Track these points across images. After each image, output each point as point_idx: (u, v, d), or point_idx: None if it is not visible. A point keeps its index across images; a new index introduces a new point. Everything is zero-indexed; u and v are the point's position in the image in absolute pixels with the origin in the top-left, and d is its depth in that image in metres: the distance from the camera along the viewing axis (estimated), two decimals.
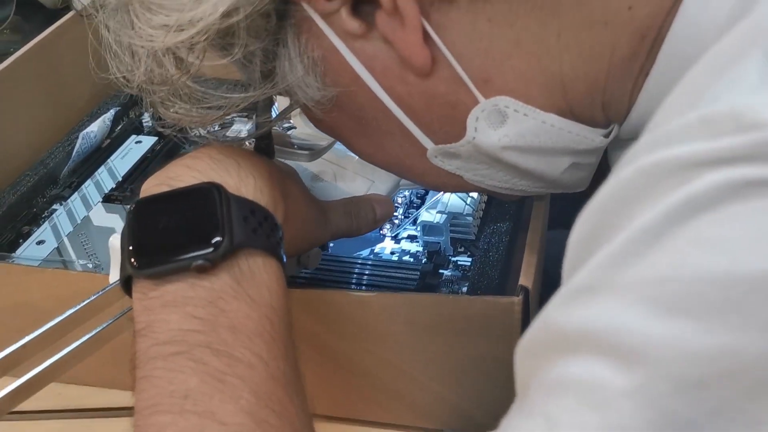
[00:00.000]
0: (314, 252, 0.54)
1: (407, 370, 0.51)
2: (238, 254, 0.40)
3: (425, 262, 0.60)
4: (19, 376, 0.41)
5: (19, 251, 0.63)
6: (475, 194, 0.63)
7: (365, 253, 0.63)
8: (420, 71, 0.40)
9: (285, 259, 0.43)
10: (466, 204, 0.62)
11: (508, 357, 0.48)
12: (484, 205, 0.63)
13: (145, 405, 0.36)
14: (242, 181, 0.43)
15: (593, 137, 0.43)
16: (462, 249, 0.62)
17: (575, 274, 0.29)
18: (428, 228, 0.62)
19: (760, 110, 0.25)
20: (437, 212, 0.62)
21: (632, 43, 0.38)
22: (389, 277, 0.59)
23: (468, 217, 0.62)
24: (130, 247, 0.40)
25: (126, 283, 0.41)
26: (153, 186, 0.43)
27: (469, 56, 0.39)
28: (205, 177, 0.42)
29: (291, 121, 0.61)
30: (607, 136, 0.44)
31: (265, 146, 0.50)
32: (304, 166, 0.56)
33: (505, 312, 0.47)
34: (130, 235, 0.41)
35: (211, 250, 0.39)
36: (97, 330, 0.43)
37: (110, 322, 0.43)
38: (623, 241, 0.27)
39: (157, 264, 0.39)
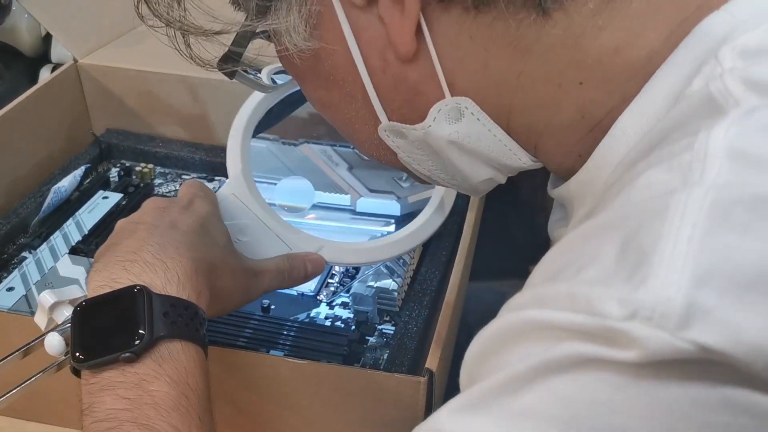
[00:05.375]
0: None
1: (329, 427, 0.59)
2: (160, 343, 0.49)
3: (353, 330, 0.69)
4: None
5: None
6: (400, 277, 0.72)
7: (302, 316, 0.71)
8: (401, 56, 0.45)
9: (205, 341, 0.51)
10: (393, 281, 0.71)
11: (413, 421, 0.57)
12: (409, 280, 0.72)
13: None
14: (168, 281, 0.51)
15: (521, 156, 0.49)
16: (387, 318, 0.71)
17: (465, 391, 0.37)
18: (359, 298, 0.71)
19: (605, 302, 0.32)
20: (367, 285, 0.71)
21: (573, 117, 0.45)
22: (321, 342, 0.68)
23: (394, 293, 0.70)
24: (76, 344, 0.49)
25: (75, 371, 0.50)
26: (98, 287, 0.51)
27: (445, 58, 0.45)
28: (138, 279, 0.50)
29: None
30: (534, 162, 0.50)
31: (229, 73, 0.54)
32: (229, 225, 0.62)
33: (413, 387, 0.56)
34: (74, 333, 0.50)
35: (136, 343, 0.48)
36: (29, 380, 0.52)
37: (37, 374, 0.52)
38: (502, 379, 0.35)
39: (94, 358, 0.48)
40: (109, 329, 0.49)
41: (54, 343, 0.51)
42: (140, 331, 0.48)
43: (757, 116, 0.35)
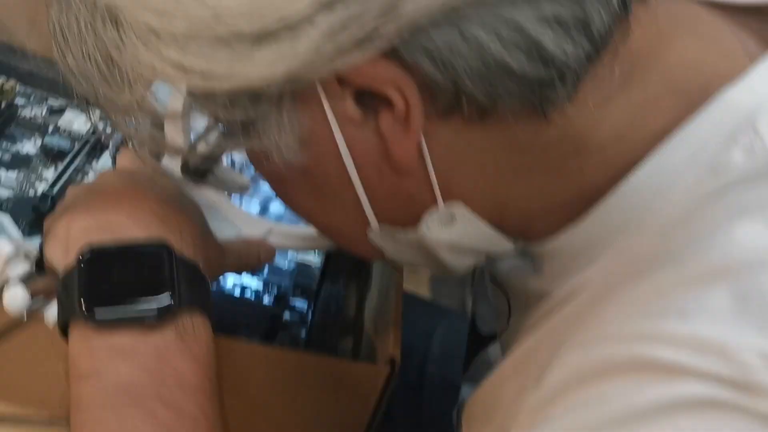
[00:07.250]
0: None
1: (277, 413, 0.56)
2: (182, 313, 0.43)
3: (271, 306, 0.65)
4: None
5: None
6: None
7: None
8: (399, 170, 0.43)
9: None
10: (313, 256, 0.68)
11: (366, 410, 0.56)
12: (326, 257, 0.70)
13: None
14: (184, 243, 0.46)
15: (506, 244, 0.48)
16: (301, 293, 0.67)
17: (551, 418, 0.36)
18: (275, 270, 0.67)
19: (742, 352, 0.32)
20: (286, 260, 0.67)
21: (571, 197, 0.44)
22: (237, 314, 0.63)
23: (312, 267, 0.67)
24: (82, 294, 0.42)
25: (65, 326, 0.42)
26: (94, 231, 0.44)
27: (440, 167, 0.43)
28: (151, 233, 0.44)
29: None
30: (515, 246, 0.49)
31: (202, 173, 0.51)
32: None
33: (375, 376, 0.55)
34: (81, 281, 0.42)
35: (162, 306, 0.42)
36: None
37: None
38: (613, 410, 0.34)
39: (109, 313, 0.41)
40: (127, 286, 0.42)
41: (18, 296, 0.42)
42: (166, 296, 0.42)
43: None
